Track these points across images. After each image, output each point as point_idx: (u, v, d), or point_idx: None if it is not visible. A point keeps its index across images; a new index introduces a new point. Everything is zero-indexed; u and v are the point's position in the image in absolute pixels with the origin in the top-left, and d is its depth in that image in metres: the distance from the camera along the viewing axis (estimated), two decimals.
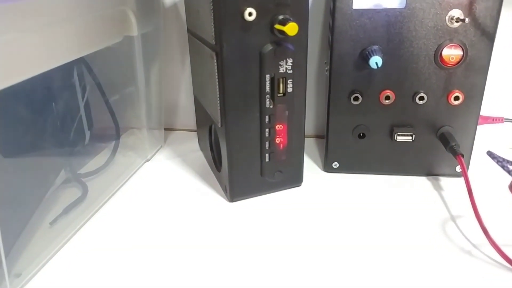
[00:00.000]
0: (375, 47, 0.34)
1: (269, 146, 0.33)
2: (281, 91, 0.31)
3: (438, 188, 0.36)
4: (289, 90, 0.31)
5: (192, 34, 0.37)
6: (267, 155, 0.33)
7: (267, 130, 0.32)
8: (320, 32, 0.43)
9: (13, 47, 0.24)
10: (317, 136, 0.47)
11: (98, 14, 0.31)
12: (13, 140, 0.30)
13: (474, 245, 0.29)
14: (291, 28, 0.27)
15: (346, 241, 0.30)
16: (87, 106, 0.38)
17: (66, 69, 0.35)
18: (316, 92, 0.46)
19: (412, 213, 0.33)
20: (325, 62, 0.41)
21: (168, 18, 0.44)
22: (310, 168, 0.40)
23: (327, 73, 0.38)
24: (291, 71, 0.31)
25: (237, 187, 0.34)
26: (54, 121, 0.35)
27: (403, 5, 0.33)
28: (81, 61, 0.36)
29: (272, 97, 0.31)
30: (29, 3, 0.25)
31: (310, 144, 0.46)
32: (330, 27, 0.36)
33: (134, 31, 0.36)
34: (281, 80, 0.31)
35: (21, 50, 0.25)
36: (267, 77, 0.30)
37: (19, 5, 0.24)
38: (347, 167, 0.39)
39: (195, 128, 0.49)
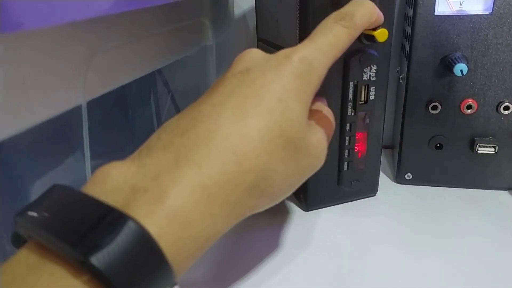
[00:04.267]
0: (458, 54, 0.33)
1: (349, 155, 0.32)
2: (363, 98, 0.31)
3: None
4: (371, 97, 0.31)
5: (265, 42, 0.38)
6: (346, 163, 0.32)
7: (347, 138, 0.31)
8: (392, 39, 0.43)
9: (113, 58, 0.25)
10: (384, 146, 0.45)
11: (181, 25, 0.32)
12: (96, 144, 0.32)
13: None
14: (381, 34, 0.26)
15: (426, 258, 0.29)
16: (160, 115, 0.39)
17: (143, 79, 0.36)
18: None
19: (495, 231, 0.31)
20: (397, 70, 0.40)
21: (237, 28, 0.44)
22: (381, 178, 0.39)
23: (402, 81, 0.37)
24: (374, 78, 0.30)
25: (314, 196, 0.33)
26: (131, 130, 0.36)
27: (489, 11, 0.32)
28: (156, 71, 0.37)
29: (354, 105, 0.31)
30: (125, 17, 0.26)
31: None
32: (407, 35, 0.36)
33: (210, 41, 0.37)
34: (363, 87, 0.30)
35: (118, 60, 0.26)
36: (351, 84, 0.30)
37: (119, 18, 0.25)
38: (421, 179, 0.37)
39: None
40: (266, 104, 0.19)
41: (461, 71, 0.31)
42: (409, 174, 0.37)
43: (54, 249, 0.14)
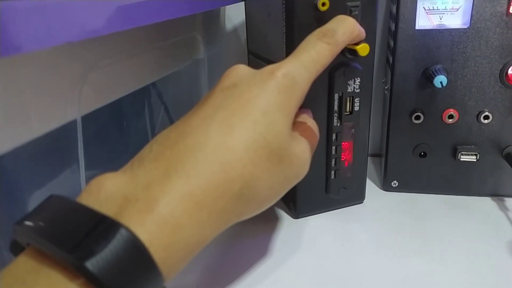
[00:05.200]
0: (439, 66, 0.34)
1: (335, 164, 0.33)
2: (348, 109, 0.32)
3: (504, 209, 0.36)
4: (356, 108, 0.32)
5: (255, 55, 0.39)
6: (333, 172, 0.34)
7: (333, 147, 0.33)
8: (378, 51, 0.44)
9: (107, 74, 0.26)
10: (372, 155, 0.47)
11: (173, 41, 0.34)
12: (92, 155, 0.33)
13: None
14: (363, 49, 0.28)
15: (411, 262, 0.30)
16: (154, 126, 0.40)
17: (138, 93, 0.37)
18: (372, 110, 0.46)
19: (477, 235, 0.32)
20: (383, 82, 0.41)
21: (228, 41, 0.46)
22: (368, 185, 0.40)
23: (386, 92, 0.38)
24: (358, 90, 0.32)
25: (303, 204, 0.34)
26: (126, 141, 0.37)
27: (467, 25, 0.33)
28: (151, 84, 0.38)
29: (340, 116, 0.32)
30: (119, 35, 0.27)
31: None
32: (391, 48, 0.37)
33: (202, 54, 0.38)
34: (348, 99, 0.32)
35: (112, 76, 0.27)
36: (336, 96, 0.31)
37: (114, 36, 0.26)
38: (407, 186, 0.39)
39: None
40: (251, 117, 0.21)
41: (441, 82, 0.33)
42: (395, 181, 0.39)
43: (51, 255, 0.15)
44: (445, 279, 0.28)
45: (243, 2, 0.39)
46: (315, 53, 0.24)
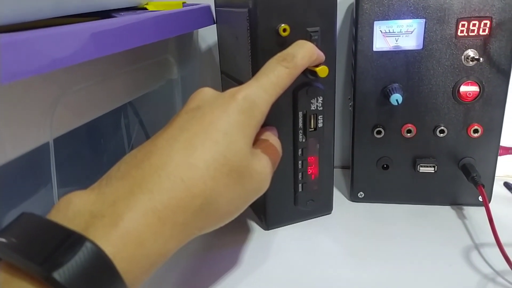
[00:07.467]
0: (395, 85, 0.37)
1: (302, 177, 0.35)
2: (312, 126, 0.34)
3: (461, 217, 0.38)
4: (320, 125, 0.34)
5: (226, 75, 0.41)
6: (300, 185, 0.35)
7: (300, 162, 0.35)
8: (344, 70, 0.47)
9: (81, 97, 0.28)
10: (343, 167, 0.49)
11: (146, 64, 0.35)
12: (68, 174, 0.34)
13: (497, 273, 0.30)
14: (322, 71, 0.30)
15: (374, 268, 0.32)
16: (131, 143, 0.41)
17: (114, 112, 0.39)
18: (341, 125, 0.48)
19: (435, 241, 0.34)
20: (349, 98, 0.44)
21: (203, 61, 0.48)
22: (337, 197, 0.42)
23: (350, 108, 0.41)
24: (321, 108, 0.34)
25: (273, 216, 0.36)
26: (104, 158, 0.38)
27: (420, 47, 0.36)
28: (127, 103, 0.40)
29: (305, 132, 0.34)
30: (93, 60, 0.29)
31: (336, 174, 0.48)
32: (353, 67, 0.40)
33: (175, 75, 0.40)
34: (312, 116, 0.34)
35: (86, 98, 0.28)
36: (300, 114, 0.33)
37: (87, 61, 0.28)
38: (372, 197, 0.41)
39: None
40: (213, 138, 0.22)
41: (397, 100, 0.35)
42: (361, 193, 0.41)
43: (23, 268, 0.17)
44: (407, 284, 0.30)
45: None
46: (274, 76, 0.26)
